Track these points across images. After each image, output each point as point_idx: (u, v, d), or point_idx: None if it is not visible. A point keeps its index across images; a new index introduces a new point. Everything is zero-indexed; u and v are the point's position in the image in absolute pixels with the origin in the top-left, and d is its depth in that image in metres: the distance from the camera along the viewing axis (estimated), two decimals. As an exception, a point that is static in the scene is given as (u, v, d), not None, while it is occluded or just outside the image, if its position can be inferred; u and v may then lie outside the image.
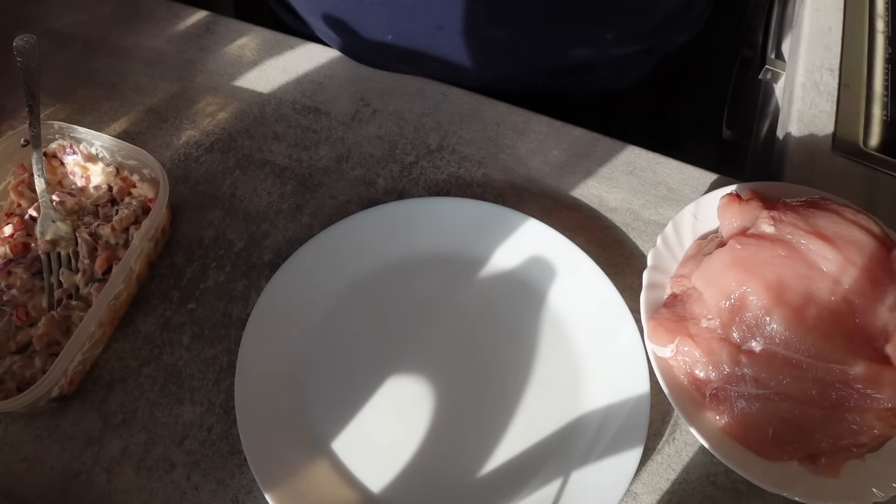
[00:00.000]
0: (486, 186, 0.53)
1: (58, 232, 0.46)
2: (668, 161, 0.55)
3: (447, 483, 0.41)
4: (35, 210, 0.47)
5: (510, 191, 0.53)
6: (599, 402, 0.43)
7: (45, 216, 0.46)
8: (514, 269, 0.49)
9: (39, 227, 0.45)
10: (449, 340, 0.46)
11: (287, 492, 0.39)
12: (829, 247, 0.39)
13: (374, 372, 0.45)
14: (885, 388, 0.37)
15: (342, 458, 0.42)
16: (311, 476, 0.40)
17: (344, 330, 0.46)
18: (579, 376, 0.45)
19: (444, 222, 0.49)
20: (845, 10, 0.62)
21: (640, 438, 0.41)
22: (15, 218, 0.47)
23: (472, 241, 0.49)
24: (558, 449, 0.42)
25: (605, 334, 0.45)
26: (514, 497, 0.41)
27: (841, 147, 0.54)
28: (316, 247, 0.47)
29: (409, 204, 0.49)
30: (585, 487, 0.40)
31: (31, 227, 0.47)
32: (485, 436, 0.43)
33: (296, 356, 0.45)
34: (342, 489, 0.41)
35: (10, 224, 0.46)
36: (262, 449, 0.40)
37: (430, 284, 0.48)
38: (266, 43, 0.61)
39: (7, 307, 0.43)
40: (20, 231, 0.46)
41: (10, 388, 0.41)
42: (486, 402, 0.44)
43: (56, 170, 0.50)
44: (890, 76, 0.59)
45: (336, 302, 0.47)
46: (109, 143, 0.48)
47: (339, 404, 0.43)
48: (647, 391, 0.42)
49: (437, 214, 0.49)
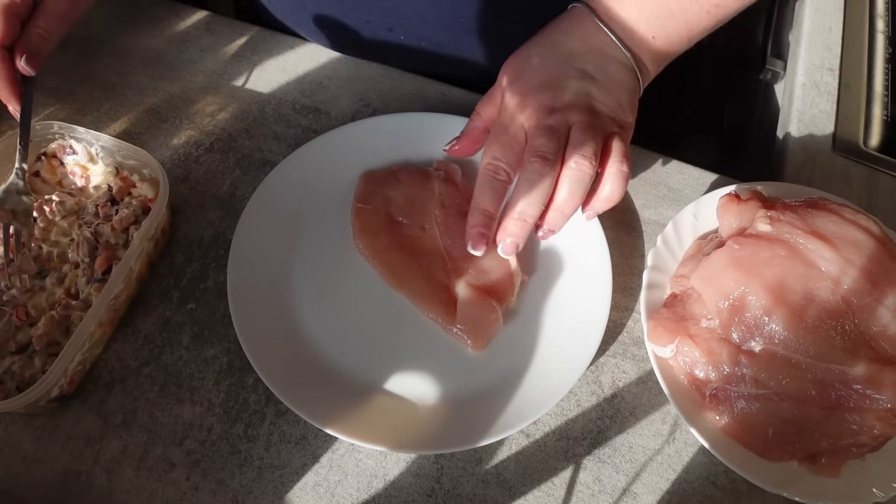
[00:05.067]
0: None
1: (19, 205, 0.45)
2: (668, 161, 0.55)
3: (406, 360, 0.45)
4: (35, 210, 0.47)
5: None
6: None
7: (12, 185, 0.45)
8: None
9: (1, 195, 0.44)
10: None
11: (271, 367, 0.43)
12: (828, 247, 0.39)
13: (349, 263, 0.49)
14: (884, 389, 0.37)
15: (319, 337, 0.46)
16: (290, 350, 0.45)
17: (329, 229, 0.50)
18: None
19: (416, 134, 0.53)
20: (845, 10, 0.62)
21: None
22: (15, 217, 0.47)
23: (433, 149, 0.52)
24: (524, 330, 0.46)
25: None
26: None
27: (841, 147, 0.54)
28: (313, 147, 0.51)
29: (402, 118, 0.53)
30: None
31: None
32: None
33: (282, 249, 0.48)
34: (317, 365, 0.45)
35: None
36: (251, 328, 0.44)
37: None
38: (266, 43, 0.61)
39: (7, 307, 0.43)
40: None
41: (9, 388, 0.41)
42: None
43: (56, 170, 0.50)
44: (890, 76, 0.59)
45: (323, 203, 0.51)
46: (109, 143, 0.48)
47: (318, 291, 0.47)
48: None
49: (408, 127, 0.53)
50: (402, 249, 0.48)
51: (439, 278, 0.47)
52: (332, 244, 0.49)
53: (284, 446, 0.43)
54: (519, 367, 0.44)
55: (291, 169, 0.50)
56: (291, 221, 0.49)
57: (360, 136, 0.52)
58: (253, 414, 0.44)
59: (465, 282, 0.46)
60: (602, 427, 0.44)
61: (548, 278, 0.48)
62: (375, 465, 0.42)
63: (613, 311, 0.47)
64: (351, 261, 0.48)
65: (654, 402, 0.45)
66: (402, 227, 0.49)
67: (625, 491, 0.42)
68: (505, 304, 0.46)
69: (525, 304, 0.47)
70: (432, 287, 0.46)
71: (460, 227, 0.47)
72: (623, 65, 0.44)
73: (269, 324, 0.45)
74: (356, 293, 0.47)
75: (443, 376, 0.44)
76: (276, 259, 0.48)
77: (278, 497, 0.41)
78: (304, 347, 0.45)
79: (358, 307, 0.47)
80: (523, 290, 0.47)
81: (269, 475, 0.42)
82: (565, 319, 0.46)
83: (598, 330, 0.44)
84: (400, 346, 0.46)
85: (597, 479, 0.42)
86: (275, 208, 0.49)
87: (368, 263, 0.48)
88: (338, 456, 0.43)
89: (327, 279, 0.48)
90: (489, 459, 0.43)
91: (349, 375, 0.44)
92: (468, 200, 0.49)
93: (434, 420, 0.43)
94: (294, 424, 0.43)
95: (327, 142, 0.52)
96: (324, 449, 0.43)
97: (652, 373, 0.45)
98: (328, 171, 0.51)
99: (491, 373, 0.44)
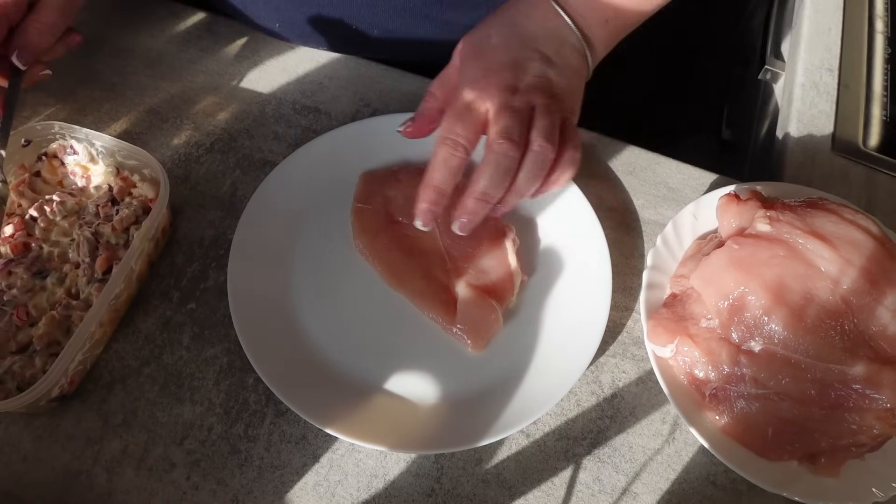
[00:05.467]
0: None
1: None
2: (668, 161, 0.55)
3: (403, 359, 0.45)
4: (36, 210, 0.47)
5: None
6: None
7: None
8: None
9: None
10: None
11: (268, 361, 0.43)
12: (827, 247, 0.39)
13: (349, 261, 0.49)
14: (884, 388, 0.37)
15: (319, 337, 0.46)
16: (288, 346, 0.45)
17: (328, 226, 0.50)
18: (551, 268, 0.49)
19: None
20: (845, 11, 0.62)
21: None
22: (15, 218, 0.47)
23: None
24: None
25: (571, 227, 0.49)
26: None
27: (840, 147, 0.55)
28: (312, 147, 0.52)
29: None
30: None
31: (31, 226, 0.47)
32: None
33: (282, 242, 0.49)
34: (316, 362, 0.45)
35: (11, 224, 0.46)
36: (251, 328, 0.44)
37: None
38: (266, 43, 0.61)
39: (7, 307, 0.43)
40: (20, 231, 0.46)
41: (10, 388, 0.41)
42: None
43: (57, 170, 0.50)
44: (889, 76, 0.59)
45: (323, 203, 0.51)
46: (110, 144, 0.48)
47: (318, 291, 0.48)
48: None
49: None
50: (402, 249, 0.48)
51: (439, 278, 0.47)
52: (332, 244, 0.49)
53: (284, 446, 0.43)
54: (519, 367, 0.44)
55: (291, 169, 0.50)
56: (291, 221, 0.49)
57: (360, 136, 0.52)
58: (253, 414, 0.44)
59: (465, 282, 0.46)
60: (602, 427, 0.44)
61: (548, 278, 0.48)
62: (375, 465, 0.42)
63: (613, 311, 0.47)
64: (351, 261, 0.48)
65: (654, 402, 0.45)
66: (402, 227, 0.49)
67: (625, 491, 0.42)
68: (505, 304, 0.46)
69: (525, 304, 0.47)
70: (432, 287, 0.46)
71: None
72: (577, 50, 0.45)
73: (269, 324, 0.45)
74: (356, 293, 0.47)
75: (443, 376, 0.44)
76: (276, 259, 0.48)
77: (278, 497, 0.41)
78: (304, 347, 0.45)
79: (358, 307, 0.47)
80: (523, 290, 0.47)
81: (269, 475, 0.42)
82: (565, 319, 0.46)
83: (598, 330, 0.44)
84: (400, 346, 0.46)
85: (597, 479, 0.42)
86: (275, 208, 0.49)
87: (368, 263, 0.48)
88: (338, 456, 0.43)
89: (327, 279, 0.48)
90: (489, 459, 0.43)
91: (349, 375, 0.44)
92: None
93: (434, 420, 0.43)
94: (294, 424, 0.43)
95: (327, 142, 0.52)
96: (324, 449, 0.43)
97: (652, 373, 0.45)
98: (328, 171, 0.51)
99: (491, 373, 0.44)
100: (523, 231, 0.49)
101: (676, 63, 0.49)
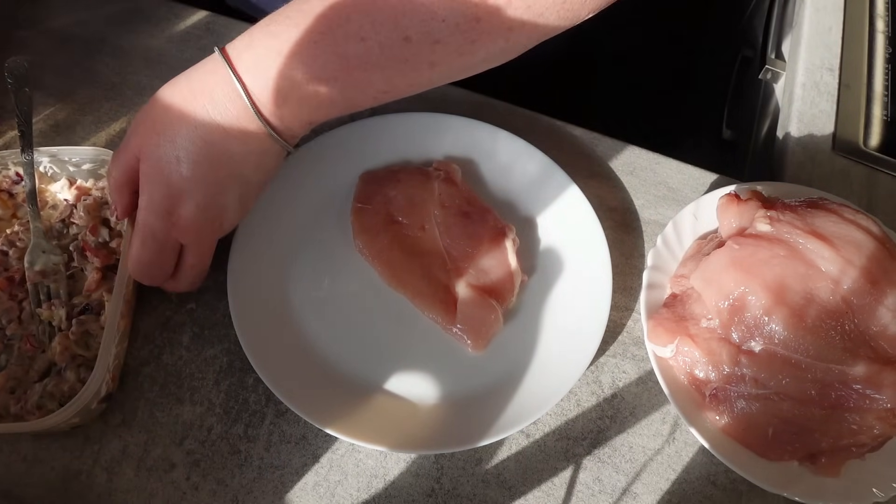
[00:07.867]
0: (486, 186, 0.53)
1: (48, 263, 0.45)
2: (668, 161, 0.55)
3: (403, 359, 0.46)
4: (5, 245, 0.46)
5: (510, 191, 0.53)
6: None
7: (36, 245, 0.45)
8: (492, 179, 0.52)
9: (28, 257, 0.44)
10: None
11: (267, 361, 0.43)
12: (827, 247, 0.39)
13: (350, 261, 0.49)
14: (884, 389, 0.37)
15: (318, 337, 0.46)
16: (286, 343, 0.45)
17: (329, 225, 0.50)
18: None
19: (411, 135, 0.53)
20: (845, 10, 0.62)
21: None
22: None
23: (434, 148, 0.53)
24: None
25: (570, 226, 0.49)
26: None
27: (841, 147, 0.54)
28: (319, 144, 0.52)
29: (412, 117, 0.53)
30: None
31: (5, 262, 0.45)
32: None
33: (282, 243, 0.49)
34: (315, 361, 0.45)
35: None
36: (251, 328, 0.44)
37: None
38: (266, 43, 0.61)
39: (14, 340, 0.43)
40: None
41: (52, 407, 0.40)
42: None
43: (7, 202, 0.48)
44: (890, 76, 0.59)
45: (323, 203, 0.51)
46: (60, 153, 0.46)
47: (318, 290, 0.48)
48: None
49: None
50: (402, 249, 0.48)
51: (439, 278, 0.47)
52: (332, 244, 0.49)
53: (284, 446, 0.43)
54: (519, 367, 0.44)
55: (291, 169, 0.50)
56: (292, 221, 0.49)
57: (360, 136, 0.52)
58: (253, 414, 0.44)
59: (465, 282, 0.46)
60: (602, 427, 0.44)
61: (548, 278, 0.48)
62: (375, 465, 0.42)
63: (613, 311, 0.47)
64: (351, 261, 0.48)
65: (654, 402, 0.45)
66: (402, 227, 0.49)
67: (625, 491, 0.42)
68: (505, 304, 0.46)
69: (525, 304, 0.47)
70: (432, 287, 0.46)
71: (460, 227, 0.47)
72: (279, 153, 0.43)
73: (269, 324, 0.45)
74: (356, 293, 0.47)
75: (443, 376, 0.44)
76: (276, 259, 0.48)
77: (278, 497, 0.41)
78: (304, 347, 0.45)
79: (358, 307, 0.47)
80: (523, 290, 0.47)
81: (269, 475, 0.42)
82: (565, 319, 0.46)
83: (598, 330, 0.44)
84: (400, 346, 0.46)
85: (597, 479, 0.42)
86: (275, 208, 0.49)
87: (368, 263, 0.48)
88: (338, 456, 0.43)
89: (327, 279, 0.48)
90: (489, 459, 0.43)
91: (349, 375, 0.44)
92: (468, 200, 0.49)
93: (434, 420, 0.43)
94: (294, 424, 0.43)
95: (327, 142, 0.52)
96: (324, 449, 0.43)
97: (652, 373, 0.45)
98: (328, 171, 0.51)
99: (491, 373, 0.44)
100: (523, 231, 0.49)
101: (676, 63, 0.49)
